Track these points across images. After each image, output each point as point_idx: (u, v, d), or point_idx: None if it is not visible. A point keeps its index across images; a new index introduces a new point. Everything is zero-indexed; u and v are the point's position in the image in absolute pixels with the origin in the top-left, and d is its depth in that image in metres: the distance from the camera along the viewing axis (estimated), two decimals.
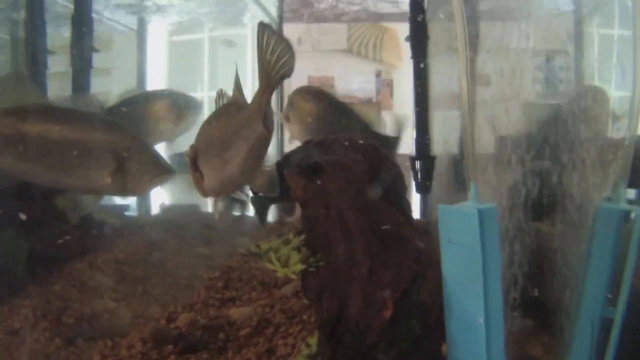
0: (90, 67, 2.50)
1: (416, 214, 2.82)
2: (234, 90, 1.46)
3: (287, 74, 1.25)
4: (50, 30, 2.65)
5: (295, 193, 1.39)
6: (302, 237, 1.32)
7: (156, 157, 1.79)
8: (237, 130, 1.32)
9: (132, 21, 3.73)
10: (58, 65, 2.75)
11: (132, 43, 3.81)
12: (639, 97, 1.43)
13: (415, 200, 2.88)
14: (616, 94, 1.82)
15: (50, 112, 1.71)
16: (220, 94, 1.52)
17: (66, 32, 2.60)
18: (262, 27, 1.23)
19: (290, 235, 1.33)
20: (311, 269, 1.25)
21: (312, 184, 1.36)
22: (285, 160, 1.70)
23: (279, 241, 1.30)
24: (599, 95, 1.75)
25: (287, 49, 1.24)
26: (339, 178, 1.37)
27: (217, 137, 1.40)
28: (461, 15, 1.29)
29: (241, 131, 1.31)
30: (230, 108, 1.43)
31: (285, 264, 1.23)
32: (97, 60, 3.25)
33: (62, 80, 2.69)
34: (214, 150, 1.39)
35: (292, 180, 1.39)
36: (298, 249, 1.28)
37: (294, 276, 1.23)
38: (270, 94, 1.29)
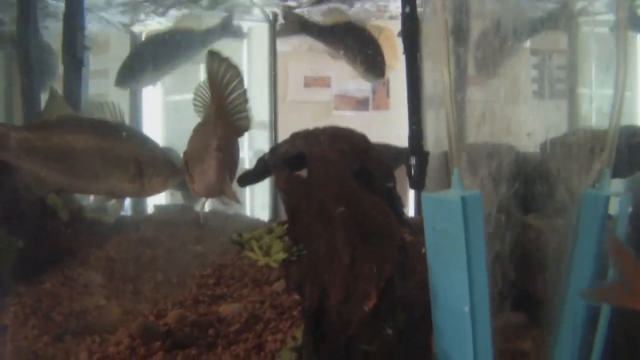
0: (82, 66, 2.50)
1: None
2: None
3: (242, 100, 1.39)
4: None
5: (278, 183, 1.39)
6: (285, 226, 1.31)
7: (168, 159, 1.92)
8: (207, 145, 1.44)
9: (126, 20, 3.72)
10: None
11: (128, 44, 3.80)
12: (622, 90, 1.45)
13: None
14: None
15: (77, 124, 1.84)
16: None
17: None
18: (211, 55, 1.34)
19: (274, 225, 1.32)
20: (293, 258, 1.24)
21: (294, 175, 1.36)
22: (272, 151, 1.71)
23: (262, 230, 1.30)
24: None
25: (236, 74, 1.35)
26: (321, 169, 1.36)
27: (198, 148, 1.51)
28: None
29: (208, 147, 1.43)
30: (208, 120, 1.53)
31: (267, 253, 1.23)
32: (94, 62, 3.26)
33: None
34: (197, 158, 1.50)
35: (275, 171, 1.39)
36: (280, 238, 1.28)
37: (275, 265, 1.23)
38: (224, 117, 1.40)
